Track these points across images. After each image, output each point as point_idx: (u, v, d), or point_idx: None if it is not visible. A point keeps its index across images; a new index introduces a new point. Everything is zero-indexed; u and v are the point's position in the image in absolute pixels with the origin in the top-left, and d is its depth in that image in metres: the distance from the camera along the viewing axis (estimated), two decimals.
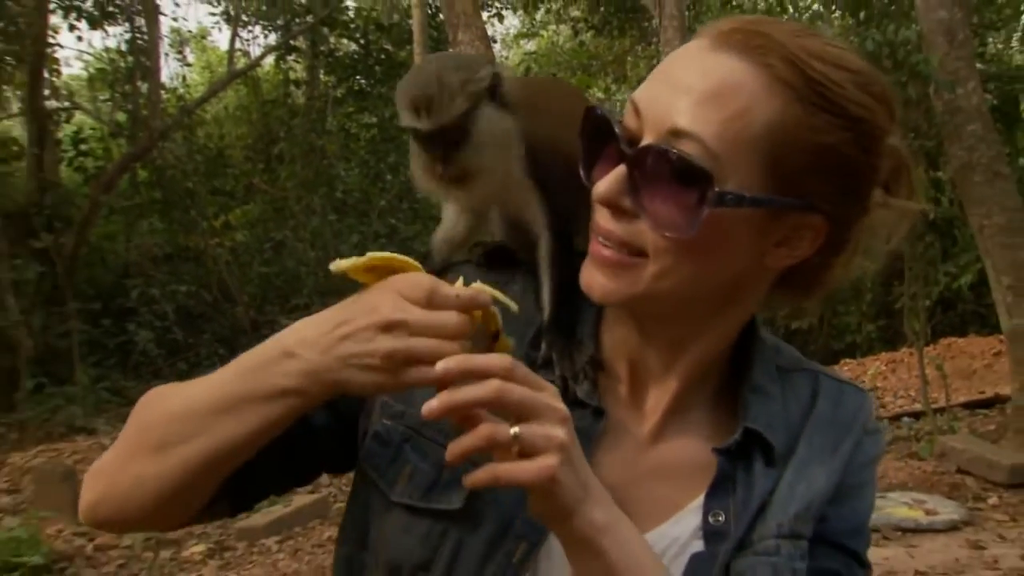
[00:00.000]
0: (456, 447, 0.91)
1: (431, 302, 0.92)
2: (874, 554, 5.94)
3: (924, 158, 9.76)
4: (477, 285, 0.96)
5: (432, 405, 0.89)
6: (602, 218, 1.04)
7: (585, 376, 1.13)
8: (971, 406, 9.80)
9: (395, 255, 1.00)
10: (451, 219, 1.40)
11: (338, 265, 1.00)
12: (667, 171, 0.98)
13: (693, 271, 1.02)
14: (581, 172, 1.09)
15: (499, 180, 1.29)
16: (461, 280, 0.97)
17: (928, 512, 6.75)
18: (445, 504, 1.07)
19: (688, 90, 0.98)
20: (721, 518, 1.07)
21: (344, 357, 0.93)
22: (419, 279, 0.95)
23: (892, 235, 1.11)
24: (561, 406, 0.93)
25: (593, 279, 1.05)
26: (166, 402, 1.08)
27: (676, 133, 0.97)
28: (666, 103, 0.99)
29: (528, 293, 1.22)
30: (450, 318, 0.92)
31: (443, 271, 1.26)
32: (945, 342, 11.66)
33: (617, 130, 1.02)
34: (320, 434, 1.10)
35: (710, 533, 1.07)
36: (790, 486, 1.08)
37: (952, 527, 6.57)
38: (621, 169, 1.00)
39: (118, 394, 12.59)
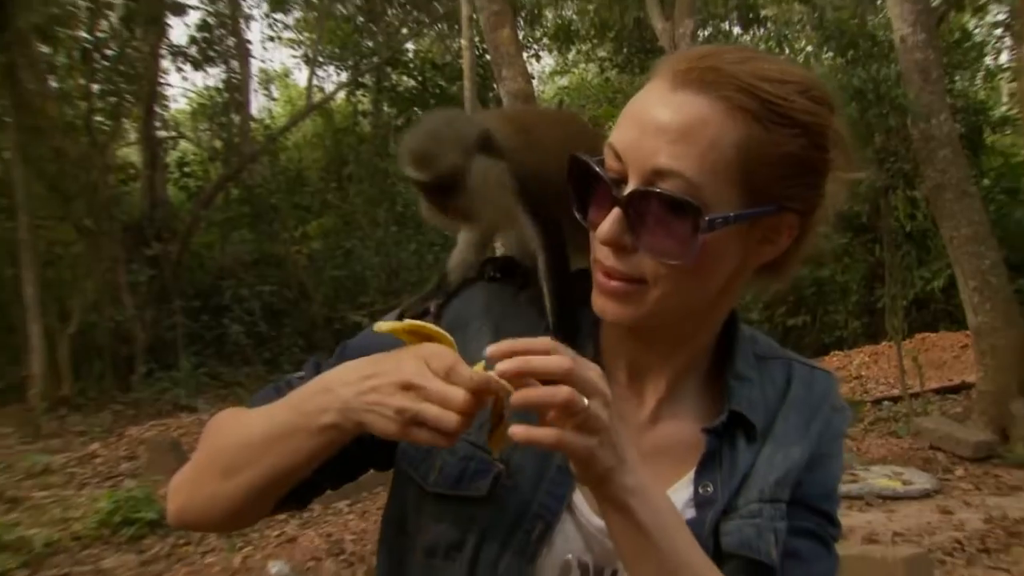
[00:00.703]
0: (528, 394, 0.86)
1: (448, 376, 0.89)
2: (858, 518, 5.85)
3: (903, 179, 9.80)
4: (492, 374, 0.89)
5: (495, 348, 0.88)
6: (603, 255, 1.00)
7: None
8: (941, 392, 9.71)
9: (433, 326, 0.97)
10: (464, 244, 1.34)
11: (380, 326, 0.99)
12: (659, 209, 0.95)
13: (692, 287, 1.00)
14: (576, 213, 1.04)
15: (497, 217, 1.26)
16: (483, 364, 0.92)
17: (904, 482, 6.82)
18: (472, 492, 1.04)
19: (662, 131, 0.94)
20: (710, 489, 1.05)
21: (368, 402, 0.92)
22: (444, 353, 0.92)
23: (836, 201, 1.06)
24: (607, 389, 0.90)
25: (604, 306, 1.02)
26: (229, 431, 1.09)
27: (659, 173, 0.94)
28: (644, 146, 0.95)
29: (534, 303, 1.18)
30: (458, 394, 0.88)
31: (458, 291, 1.21)
32: (919, 336, 11.40)
33: (604, 176, 0.99)
34: (367, 443, 1.02)
35: (700, 502, 1.04)
36: (769, 458, 1.06)
37: (925, 495, 6.63)
38: (617, 212, 0.96)
39: (214, 378, 12.77)
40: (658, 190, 0.94)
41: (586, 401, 0.86)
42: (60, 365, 11.51)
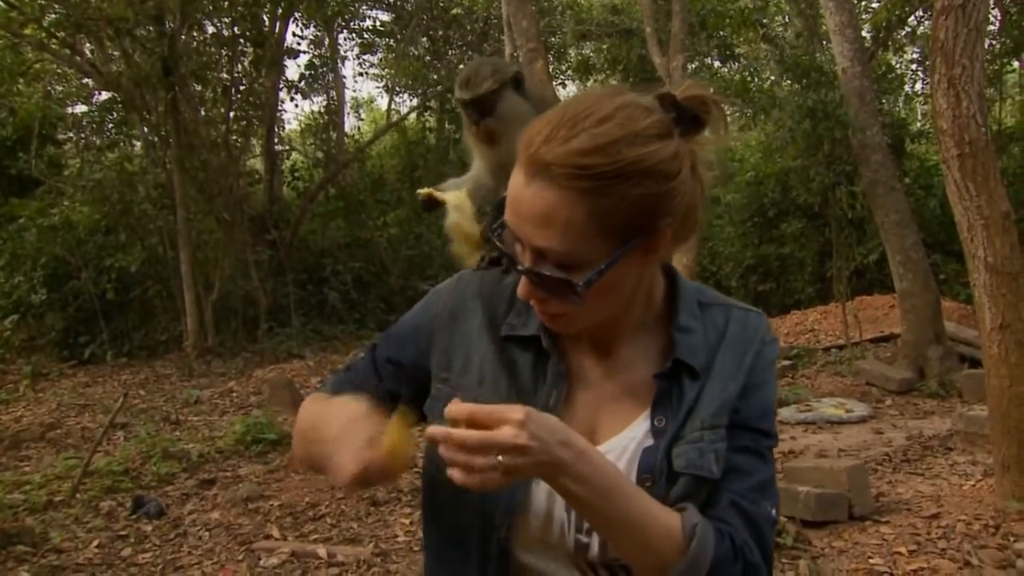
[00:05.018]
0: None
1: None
2: (812, 438, 6.26)
3: (845, 177, 9.77)
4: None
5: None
6: (532, 303, 0.98)
7: (553, 342, 1.04)
8: (875, 341, 9.73)
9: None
10: (481, 170, 1.24)
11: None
12: (549, 280, 0.92)
13: (607, 305, 0.97)
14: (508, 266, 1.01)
15: (515, 145, 1.21)
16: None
17: (847, 410, 6.90)
18: None
19: (529, 220, 0.90)
20: (662, 421, 1.00)
21: None
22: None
23: (715, 161, 0.98)
24: (518, 415, 0.84)
25: (549, 324, 1.01)
26: (309, 422, 1.07)
27: (539, 251, 0.91)
28: (523, 231, 0.92)
29: (513, 286, 1.11)
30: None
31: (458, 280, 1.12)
32: (859, 299, 11.22)
33: (510, 254, 0.97)
34: (407, 401, 1.05)
35: (655, 432, 1.00)
36: (709, 393, 1.01)
37: (862, 420, 6.75)
38: (525, 279, 0.94)
39: (318, 333, 12.56)
40: (539, 271, 0.91)
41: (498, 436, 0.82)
42: (206, 323, 11.49)
